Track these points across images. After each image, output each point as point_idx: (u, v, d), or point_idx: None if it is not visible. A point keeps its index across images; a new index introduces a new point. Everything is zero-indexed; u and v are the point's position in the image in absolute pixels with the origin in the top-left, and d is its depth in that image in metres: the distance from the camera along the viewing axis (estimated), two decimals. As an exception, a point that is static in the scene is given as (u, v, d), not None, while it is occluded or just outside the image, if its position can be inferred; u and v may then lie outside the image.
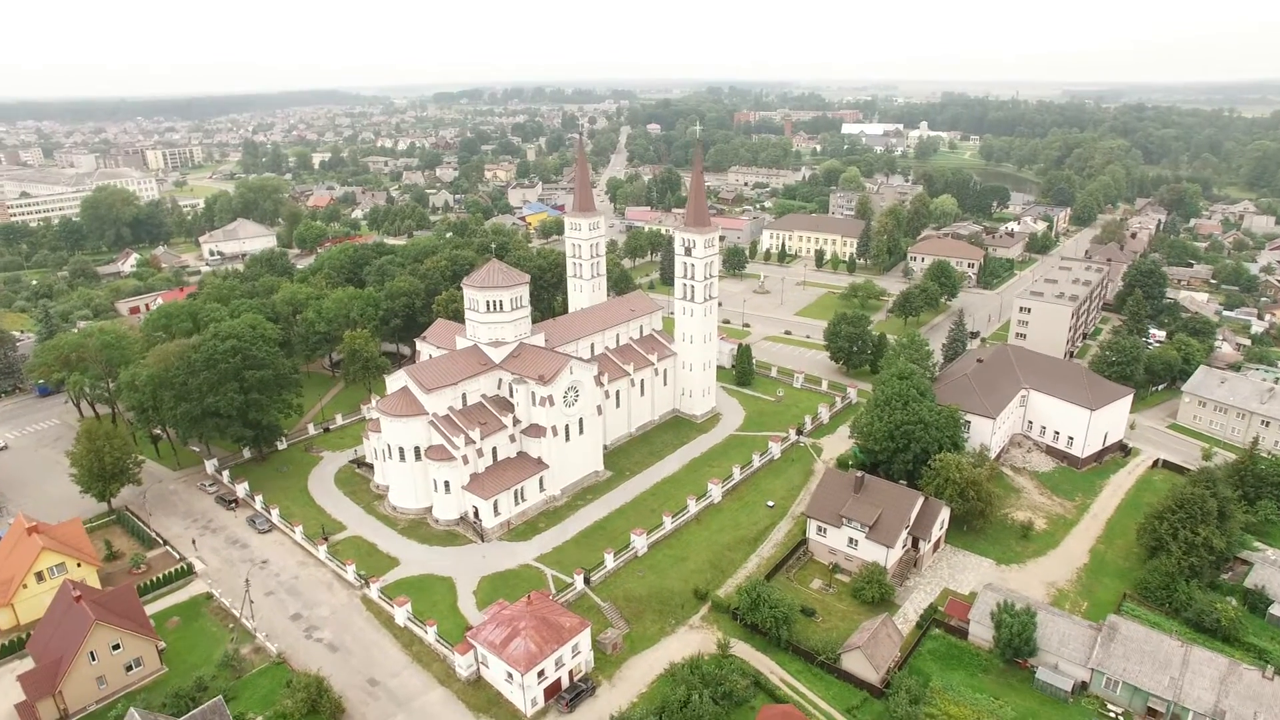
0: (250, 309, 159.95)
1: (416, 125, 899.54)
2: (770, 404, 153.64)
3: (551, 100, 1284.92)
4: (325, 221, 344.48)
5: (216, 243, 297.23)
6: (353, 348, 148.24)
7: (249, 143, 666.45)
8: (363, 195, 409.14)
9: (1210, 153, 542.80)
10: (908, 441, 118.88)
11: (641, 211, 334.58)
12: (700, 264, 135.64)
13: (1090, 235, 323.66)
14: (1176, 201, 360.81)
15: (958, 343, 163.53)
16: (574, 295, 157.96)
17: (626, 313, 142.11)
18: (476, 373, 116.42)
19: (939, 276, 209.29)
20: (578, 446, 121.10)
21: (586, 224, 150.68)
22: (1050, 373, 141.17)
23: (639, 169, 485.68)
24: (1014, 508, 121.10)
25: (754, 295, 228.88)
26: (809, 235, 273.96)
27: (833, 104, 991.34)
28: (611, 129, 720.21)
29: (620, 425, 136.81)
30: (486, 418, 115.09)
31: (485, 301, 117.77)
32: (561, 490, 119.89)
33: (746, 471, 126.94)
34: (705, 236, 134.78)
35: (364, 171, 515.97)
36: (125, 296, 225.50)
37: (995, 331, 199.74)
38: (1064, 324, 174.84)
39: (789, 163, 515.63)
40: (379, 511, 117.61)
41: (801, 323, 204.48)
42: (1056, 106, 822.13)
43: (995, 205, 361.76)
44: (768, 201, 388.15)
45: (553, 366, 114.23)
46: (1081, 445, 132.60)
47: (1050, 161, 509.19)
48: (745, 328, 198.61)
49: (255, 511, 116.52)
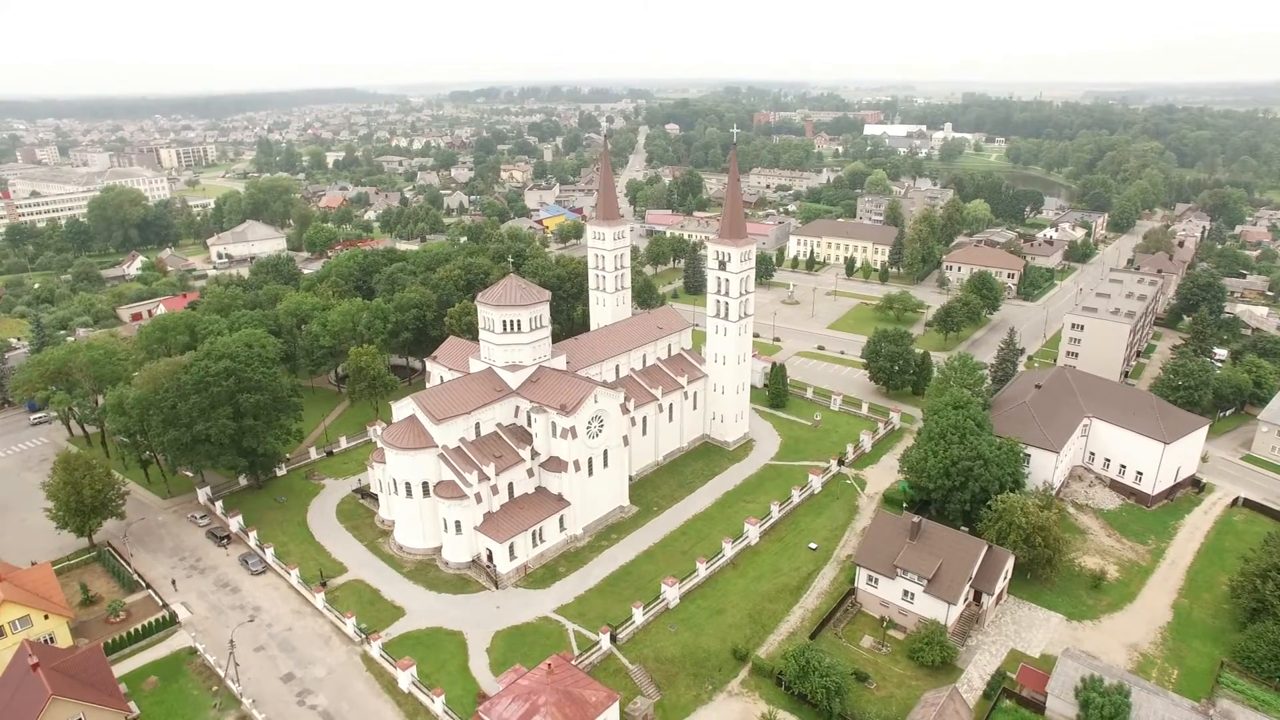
0: (251, 321, 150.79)
1: (432, 124, 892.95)
2: (807, 429, 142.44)
3: (568, 100, 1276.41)
4: (337, 223, 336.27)
5: (225, 245, 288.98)
6: (358, 365, 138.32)
7: (263, 141, 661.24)
8: (376, 196, 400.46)
9: (1249, 155, 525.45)
10: (965, 479, 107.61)
11: (662, 215, 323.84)
12: (735, 279, 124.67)
13: (1130, 243, 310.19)
14: (1219, 207, 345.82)
15: (1008, 363, 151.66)
16: (596, 309, 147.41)
17: (654, 331, 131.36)
18: (491, 400, 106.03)
19: (980, 288, 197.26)
20: (602, 481, 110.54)
21: (611, 233, 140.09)
22: (1115, 400, 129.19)
23: (658, 170, 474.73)
24: (1080, 552, 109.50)
25: (783, 306, 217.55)
26: (838, 242, 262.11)
27: (852, 105, 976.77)
28: (629, 129, 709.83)
29: (647, 454, 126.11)
30: (502, 450, 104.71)
31: (502, 321, 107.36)
32: (584, 529, 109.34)
33: (785, 508, 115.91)
34: (741, 249, 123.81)
35: (378, 171, 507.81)
36: (128, 302, 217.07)
37: (1041, 348, 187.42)
38: (1120, 343, 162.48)
39: (811, 164, 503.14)
40: (383, 551, 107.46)
41: (835, 337, 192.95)
42: (1083, 108, 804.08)
43: (1029, 210, 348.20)
44: (792, 205, 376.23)
45: (575, 395, 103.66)
46: (1152, 481, 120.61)
47: (1081, 165, 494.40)
48: (776, 342, 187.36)
49: (249, 550, 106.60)
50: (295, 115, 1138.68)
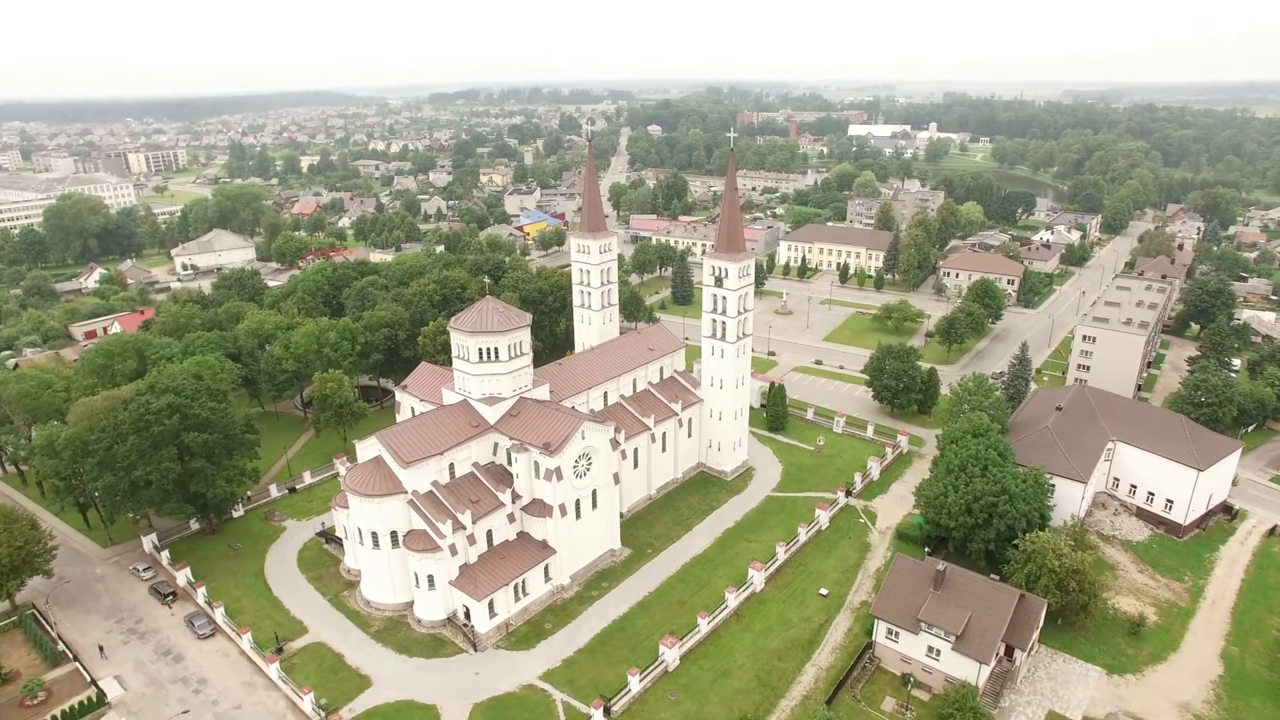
0: (207, 345, 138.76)
1: (411, 127, 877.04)
2: (809, 454, 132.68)
3: (549, 101, 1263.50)
4: (309, 231, 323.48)
5: (190, 255, 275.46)
6: (323, 393, 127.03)
7: (236, 145, 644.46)
8: (351, 202, 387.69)
9: (1233, 155, 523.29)
10: (989, 516, 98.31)
11: (647, 220, 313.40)
12: (733, 297, 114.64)
13: (1124, 244, 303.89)
14: (1211, 208, 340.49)
15: (1020, 380, 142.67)
16: (581, 328, 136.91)
17: (644, 352, 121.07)
18: (467, 438, 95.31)
19: (982, 297, 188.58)
20: (590, 524, 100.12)
21: (596, 246, 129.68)
22: (1139, 421, 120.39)
23: (641, 173, 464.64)
24: (1113, 591, 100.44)
25: (776, 316, 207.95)
26: (831, 247, 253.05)
27: (835, 105, 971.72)
28: (611, 131, 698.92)
29: (639, 487, 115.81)
30: (480, 494, 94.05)
31: (478, 349, 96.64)
32: (571, 578, 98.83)
33: (791, 548, 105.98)
34: (740, 264, 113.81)
35: (354, 176, 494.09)
36: (81, 319, 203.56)
37: (1049, 359, 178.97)
38: (1135, 356, 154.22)
39: (797, 166, 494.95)
40: (349, 606, 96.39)
41: (833, 350, 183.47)
42: (1067, 107, 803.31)
43: (1020, 212, 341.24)
44: (779, 208, 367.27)
45: (560, 432, 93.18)
46: (1184, 510, 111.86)
47: (1069, 165, 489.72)
48: (771, 356, 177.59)
49: (197, 609, 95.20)
50: (271, 118, 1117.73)
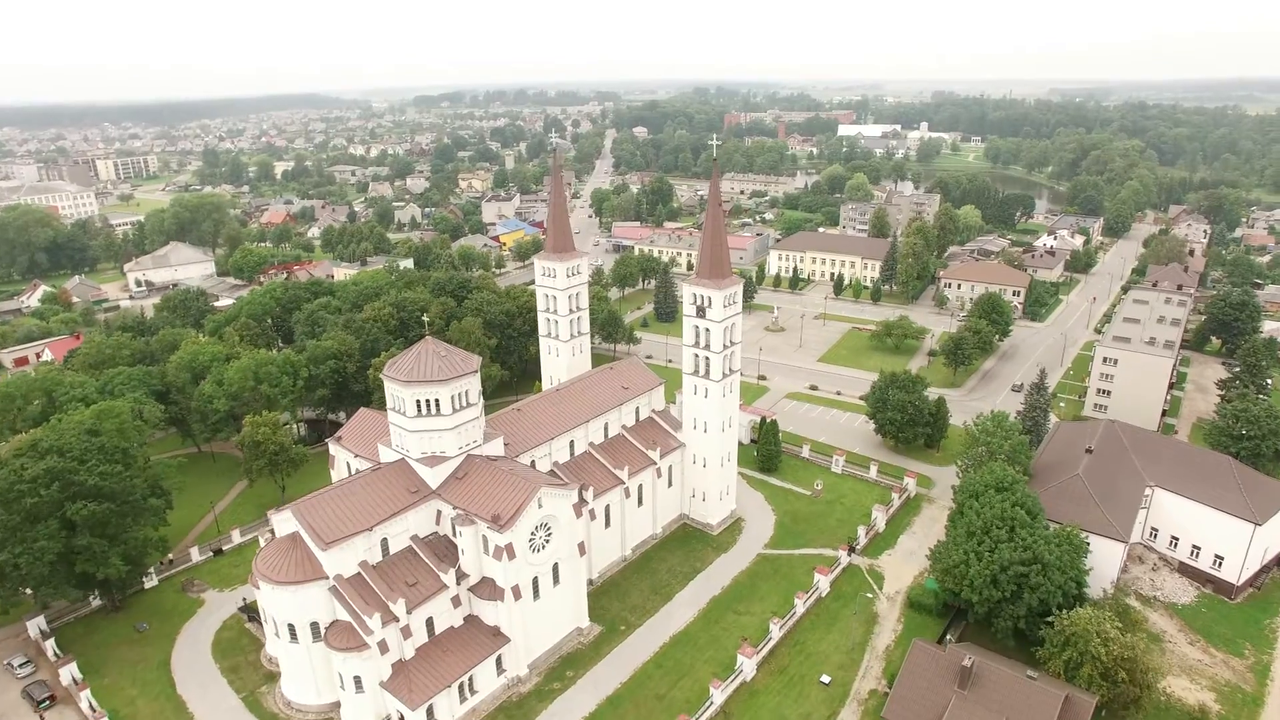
0: (129, 382, 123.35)
1: (393, 130, 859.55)
2: (806, 500, 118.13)
3: (534, 103, 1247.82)
4: (276, 242, 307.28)
5: (144, 271, 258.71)
6: (254, 439, 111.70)
7: (209, 150, 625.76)
8: (323, 210, 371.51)
9: (1230, 153, 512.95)
10: (1019, 589, 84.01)
11: (630, 228, 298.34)
12: (718, 329, 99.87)
13: (1128, 248, 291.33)
14: (1215, 209, 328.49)
15: (1038, 410, 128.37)
16: (549, 359, 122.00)
17: (617, 392, 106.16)
18: (403, 508, 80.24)
19: (989, 312, 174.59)
20: (552, 603, 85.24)
21: (564, 269, 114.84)
22: (1180, 463, 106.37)
23: (626, 177, 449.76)
24: (1161, 669, 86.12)
25: (767, 334, 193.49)
26: (824, 257, 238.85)
27: (823, 104, 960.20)
28: (596, 133, 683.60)
29: (611, 549, 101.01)
30: (418, 574, 79.02)
31: (415, 401, 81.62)
32: (529, 667, 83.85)
33: (787, 622, 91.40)
34: (725, 291, 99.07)
35: (329, 182, 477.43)
36: (13, 345, 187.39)
37: (1063, 381, 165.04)
38: (1161, 380, 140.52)
39: (786, 167, 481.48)
40: (266, 709, 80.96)
41: (828, 373, 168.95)
42: (1058, 105, 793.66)
43: (1020, 215, 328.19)
44: (769, 213, 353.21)
45: (512, 501, 78.24)
46: (1238, 568, 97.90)
47: (1064, 165, 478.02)
48: (762, 381, 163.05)
49: (81, 717, 79.69)
50: (252, 122, 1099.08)
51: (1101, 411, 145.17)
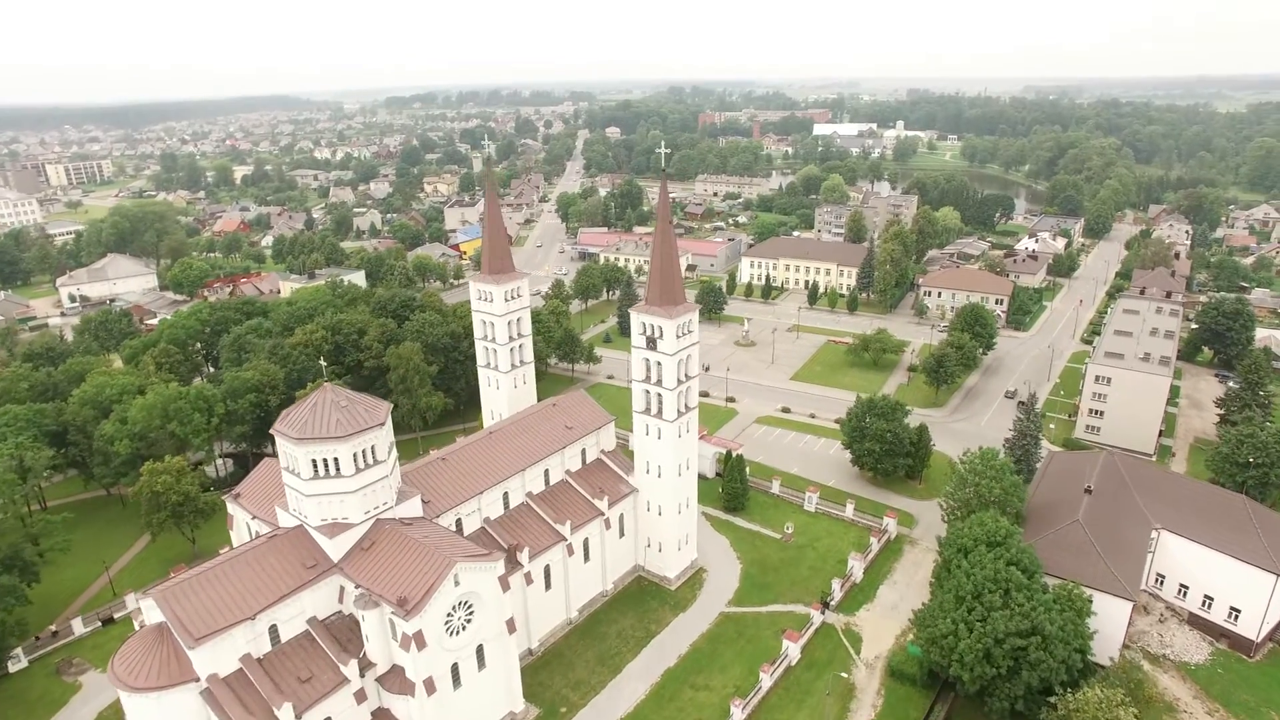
0: (15, 424, 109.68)
1: (363, 132, 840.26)
2: (775, 544, 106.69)
3: (508, 103, 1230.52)
4: (226, 252, 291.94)
5: (78, 285, 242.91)
6: (152, 490, 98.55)
7: (167, 154, 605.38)
8: (279, 217, 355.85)
9: (1205, 151, 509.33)
10: (1016, 663, 73.02)
11: (596, 234, 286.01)
12: (672, 363, 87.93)
13: (1109, 250, 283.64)
14: (1196, 208, 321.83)
15: (1028, 439, 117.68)
16: (489, 393, 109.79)
17: (560, 433, 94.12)
18: (296, 588, 67.71)
19: (972, 324, 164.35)
20: (476, 690, 73.04)
21: (501, 292, 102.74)
22: (1188, 502, 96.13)
23: (596, 179, 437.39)
24: (1174, 746, 75.77)
25: (738, 349, 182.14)
26: (798, 264, 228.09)
27: (799, 103, 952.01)
28: (567, 134, 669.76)
29: (554, 612, 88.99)
30: (314, 665, 66.57)
31: (311, 460, 69.13)
32: (450, 768, 71.63)
33: (752, 700, 79.85)
34: (679, 320, 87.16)
35: (290, 187, 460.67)
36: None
37: (1051, 397, 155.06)
38: (1158, 400, 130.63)
39: (761, 168, 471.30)
40: (132, 830, 68.32)
41: (802, 393, 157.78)
42: (1032, 103, 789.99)
43: (1000, 216, 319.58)
44: (742, 216, 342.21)
45: (421, 581, 65.97)
46: (1257, 623, 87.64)
47: (1041, 163, 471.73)
48: (730, 404, 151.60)
49: None
50: (219, 124, 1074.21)
51: (1094, 434, 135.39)
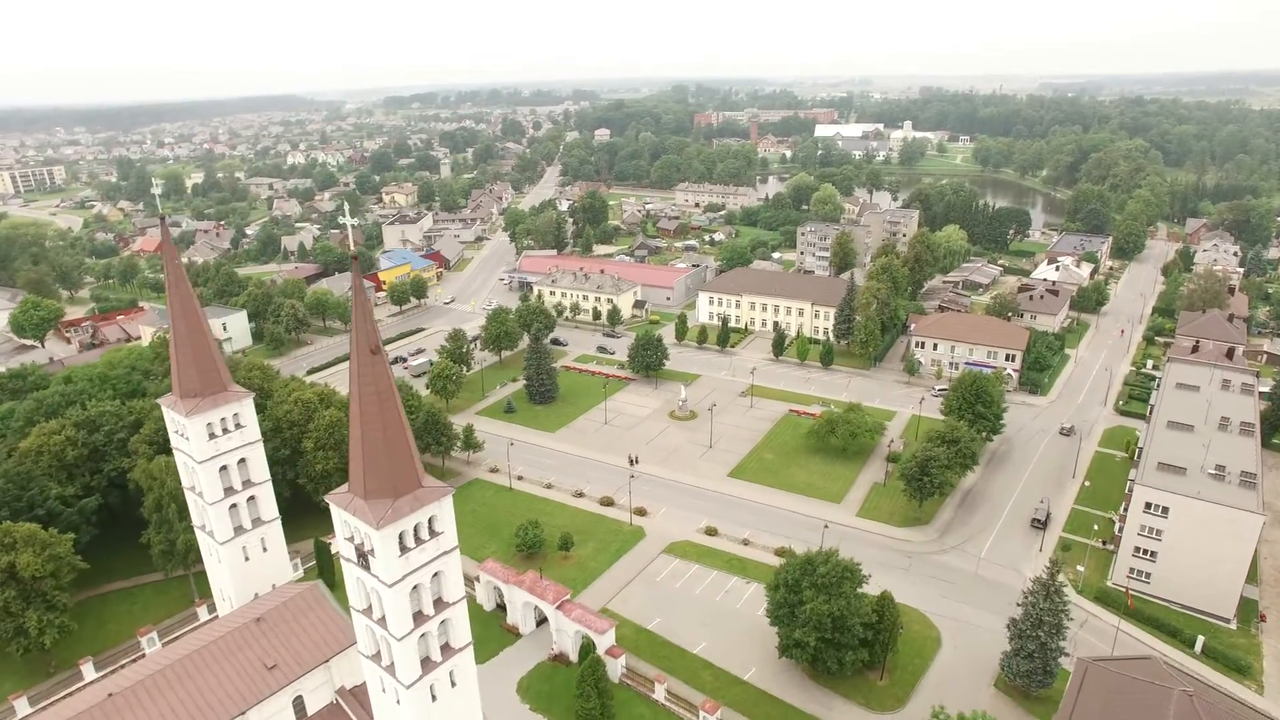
0: None
1: (351, 134, 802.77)
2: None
3: (508, 103, 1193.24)
4: (122, 279, 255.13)
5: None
6: None
7: (121, 160, 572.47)
8: (207, 234, 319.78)
9: (1244, 153, 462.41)
10: None
11: (541, 258, 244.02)
12: (393, 598, 48.58)
13: (1142, 275, 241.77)
14: (1241, 224, 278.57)
15: (1047, 626, 77.08)
16: (212, 567, 71.19)
17: (254, 678, 54.71)
18: None
19: (972, 402, 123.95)
20: None
21: (202, 425, 63.92)
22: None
23: (566, 188, 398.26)
24: None
25: (671, 424, 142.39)
26: (764, 301, 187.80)
27: (805, 102, 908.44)
28: (552, 136, 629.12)
29: None
30: None
31: None
32: None
33: None
34: (398, 523, 47.76)
35: (240, 198, 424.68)
36: None
37: (1076, 508, 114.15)
38: (1243, 542, 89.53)
39: (752, 175, 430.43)
40: None
41: (739, 499, 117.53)
42: (1052, 101, 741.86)
43: (1014, 234, 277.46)
44: (719, 233, 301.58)
45: None
46: None
47: (1061, 168, 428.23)
48: (638, 518, 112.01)
49: None
50: (212, 125, 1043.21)
51: (1143, 580, 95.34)
